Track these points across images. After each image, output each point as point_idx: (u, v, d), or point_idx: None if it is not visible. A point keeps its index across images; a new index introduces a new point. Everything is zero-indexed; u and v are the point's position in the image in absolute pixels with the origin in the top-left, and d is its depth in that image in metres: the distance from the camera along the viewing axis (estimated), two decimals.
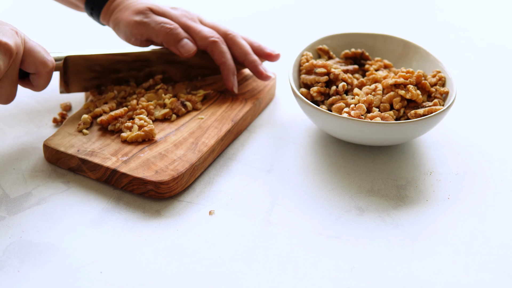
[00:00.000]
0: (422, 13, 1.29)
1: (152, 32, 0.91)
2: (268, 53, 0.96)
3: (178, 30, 0.91)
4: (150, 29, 0.91)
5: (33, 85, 0.82)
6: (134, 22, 0.91)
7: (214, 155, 0.84)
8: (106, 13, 0.95)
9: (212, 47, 0.92)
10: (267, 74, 0.94)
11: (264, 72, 0.94)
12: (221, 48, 0.92)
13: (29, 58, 0.78)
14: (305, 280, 0.69)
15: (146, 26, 0.91)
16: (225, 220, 0.76)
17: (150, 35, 0.91)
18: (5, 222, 0.74)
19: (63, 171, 0.82)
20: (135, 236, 0.73)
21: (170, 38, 0.90)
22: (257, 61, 0.94)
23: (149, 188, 0.77)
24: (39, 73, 0.80)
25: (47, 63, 0.80)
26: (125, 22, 0.91)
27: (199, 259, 0.71)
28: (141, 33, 0.91)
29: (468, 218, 0.77)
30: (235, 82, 0.93)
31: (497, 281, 0.69)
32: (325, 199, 0.79)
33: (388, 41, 0.96)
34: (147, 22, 0.91)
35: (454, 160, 0.86)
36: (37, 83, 0.82)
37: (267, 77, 0.94)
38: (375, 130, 0.80)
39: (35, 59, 0.79)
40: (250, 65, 0.94)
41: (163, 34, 0.90)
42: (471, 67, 1.09)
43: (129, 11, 0.92)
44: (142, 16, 0.91)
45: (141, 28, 0.91)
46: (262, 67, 0.94)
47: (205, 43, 0.92)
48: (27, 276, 0.68)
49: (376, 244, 0.73)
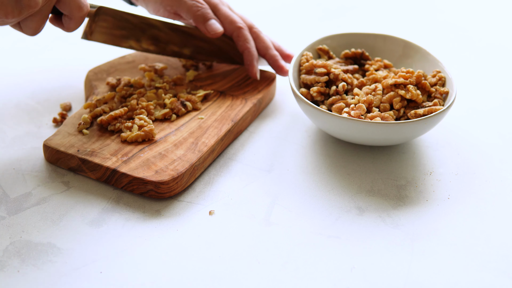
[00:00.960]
0: (422, 13, 1.29)
1: (184, 6, 0.92)
2: (287, 54, 0.98)
3: (208, 10, 0.93)
4: (182, 3, 0.92)
5: (63, 26, 0.82)
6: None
7: (214, 155, 0.84)
8: None
9: (238, 32, 0.94)
10: (287, 69, 0.96)
11: (285, 66, 0.96)
12: (246, 35, 0.94)
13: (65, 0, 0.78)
14: (305, 280, 0.69)
15: (179, 1, 0.92)
16: (225, 220, 0.76)
17: (181, 9, 0.93)
18: (5, 222, 0.74)
19: (63, 171, 0.82)
20: (135, 236, 0.73)
21: (200, 16, 0.92)
22: (278, 56, 0.97)
23: (149, 188, 0.77)
24: (72, 16, 0.80)
25: (82, 8, 0.79)
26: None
27: (199, 259, 0.71)
28: (171, 5, 0.93)
29: (468, 218, 0.77)
30: (258, 69, 0.95)
31: (497, 281, 0.69)
32: (325, 199, 0.79)
33: (388, 41, 0.97)
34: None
35: (454, 160, 0.86)
36: (68, 25, 0.81)
37: (286, 71, 0.96)
38: (375, 130, 0.80)
39: (71, 1, 0.78)
40: (271, 59, 0.96)
41: (194, 11, 0.92)
42: (471, 67, 1.09)
43: None
44: None
45: (174, 2, 0.93)
46: (282, 62, 0.97)
47: (232, 28, 0.94)
48: (27, 276, 0.68)
49: (376, 244, 0.73)
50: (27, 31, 0.79)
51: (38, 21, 0.78)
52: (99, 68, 0.97)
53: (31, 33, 0.79)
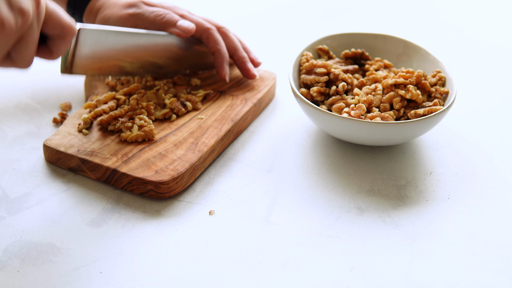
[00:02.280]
0: (422, 13, 1.29)
1: (147, 21, 0.91)
2: (252, 58, 0.97)
3: (172, 14, 0.92)
4: (145, 19, 0.91)
5: (51, 51, 0.74)
6: (127, 15, 0.91)
7: (214, 155, 0.84)
8: (90, 14, 0.94)
9: (207, 34, 0.92)
10: (253, 73, 0.95)
11: (251, 70, 0.95)
12: (215, 35, 0.93)
13: (53, 19, 0.71)
14: (305, 280, 0.69)
15: (140, 17, 0.91)
16: (225, 220, 0.76)
17: (145, 24, 0.91)
18: (5, 222, 0.74)
19: (63, 171, 0.82)
20: (135, 236, 0.73)
21: (167, 22, 0.91)
22: (246, 58, 0.95)
23: (149, 188, 0.77)
24: (64, 37, 0.73)
25: (73, 26, 0.73)
26: (117, 17, 0.91)
27: (199, 259, 0.71)
28: (135, 24, 0.91)
29: (468, 218, 0.77)
30: (227, 71, 0.94)
31: (497, 281, 0.69)
32: (325, 199, 0.79)
33: (388, 41, 0.96)
34: (140, 13, 0.91)
35: (454, 160, 0.86)
36: (57, 48, 0.73)
37: (253, 75, 0.95)
38: (375, 130, 0.80)
39: (61, 21, 0.71)
40: (238, 61, 0.95)
41: (159, 20, 0.91)
42: (471, 67, 1.09)
43: (118, 7, 0.92)
44: (134, 8, 0.91)
45: (135, 19, 0.91)
46: (249, 65, 0.95)
47: (201, 30, 0.92)
48: (27, 276, 0.68)
49: (376, 244, 0.73)
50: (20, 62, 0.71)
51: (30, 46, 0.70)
52: None
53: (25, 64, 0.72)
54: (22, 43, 0.68)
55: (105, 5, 0.93)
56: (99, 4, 0.93)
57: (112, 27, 0.87)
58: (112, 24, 0.92)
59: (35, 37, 0.69)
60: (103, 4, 0.93)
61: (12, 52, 0.68)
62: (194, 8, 1.00)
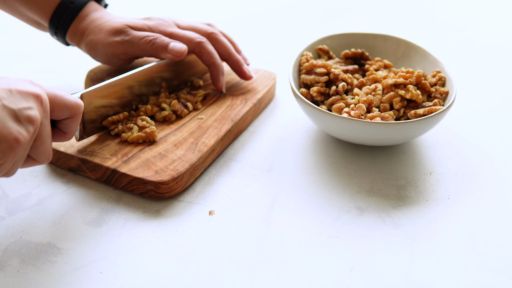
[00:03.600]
0: (422, 13, 1.29)
1: (137, 48, 0.89)
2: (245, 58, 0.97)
3: (161, 37, 0.90)
4: (135, 46, 0.89)
5: (65, 133, 0.73)
6: (115, 43, 0.89)
7: (214, 155, 0.84)
8: (75, 34, 0.92)
9: (200, 49, 0.91)
10: (250, 74, 0.94)
11: (248, 72, 0.94)
12: (208, 48, 0.91)
13: (59, 105, 0.70)
14: (305, 280, 0.69)
15: (130, 44, 0.89)
16: (225, 220, 0.76)
17: (136, 51, 0.90)
18: (5, 222, 0.74)
19: (63, 171, 0.82)
20: (135, 236, 0.73)
21: (158, 47, 0.89)
22: (241, 61, 0.94)
23: (149, 188, 0.77)
24: (74, 116, 0.72)
25: (79, 103, 0.72)
26: (105, 44, 0.90)
27: (199, 259, 0.71)
28: (125, 52, 0.90)
29: (468, 218, 0.77)
30: (224, 82, 0.93)
31: (497, 281, 0.69)
32: (325, 199, 0.79)
33: (388, 41, 0.97)
34: (129, 40, 0.89)
35: (454, 160, 0.86)
36: (70, 128, 0.73)
37: (250, 77, 0.94)
38: (375, 130, 0.80)
39: (66, 103, 0.70)
40: (233, 65, 0.94)
41: (150, 46, 0.89)
42: (471, 67, 1.09)
43: (104, 32, 0.90)
44: (122, 35, 0.90)
45: (124, 47, 0.90)
46: (245, 67, 0.94)
47: (192, 45, 0.91)
48: (27, 276, 0.68)
49: (376, 244, 0.73)
50: (42, 158, 0.70)
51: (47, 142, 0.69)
52: (99, 68, 0.97)
53: (47, 158, 0.70)
54: (39, 143, 0.67)
55: (89, 29, 0.91)
56: (83, 27, 0.92)
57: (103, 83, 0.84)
58: (101, 51, 0.90)
59: (49, 132, 0.68)
60: (87, 27, 0.91)
61: (32, 153, 0.68)
62: (194, 9, 1.00)
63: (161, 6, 1.36)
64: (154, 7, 1.34)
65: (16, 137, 0.62)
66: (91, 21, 0.92)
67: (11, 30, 1.21)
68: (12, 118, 0.62)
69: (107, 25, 0.90)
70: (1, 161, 0.63)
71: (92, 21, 0.92)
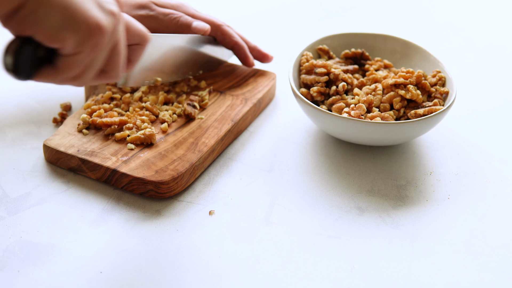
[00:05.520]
0: (422, 13, 1.29)
1: (161, 24, 0.92)
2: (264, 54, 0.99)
3: (185, 16, 0.93)
4: (159, 22, 0.92)
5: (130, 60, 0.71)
6: (139, 16, 0.91)
7: (214, 155, 0.84)
8: None
9: (221, 31, 0.94)
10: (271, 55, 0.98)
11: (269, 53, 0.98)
12: (229, 30, 0.95)
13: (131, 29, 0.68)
14: (305, 280, 0.69)
15: (154, 19, 0.92)
16: (225, 220, 0.76)
17: (159, 27, 0.92)
18: (5, 222, 0.74)
19: (63, 171, 0.82)
20: (135, 236, 0.73)
21: (182, 25, 0.92)
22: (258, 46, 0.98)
23: (149, 188, 0.77)
24: (141, 44, 0.71)
25: (148, 33, 0.71)
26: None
27: (199, 259, 0.71)
28: (149, 26, 0.91)
29: (468, 218, 0.77)
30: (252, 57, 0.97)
31: (497, 281, 0.69)
32: (325, 199, 0.79)
33: (388, 41, 0.96)
34: (154, 15, 0.92)
35: (454, 160, 0.86)
36: (136, 56, 0.71)
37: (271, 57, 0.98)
38: (375, 130, 0.80)
39: (138, 29, 0.69)
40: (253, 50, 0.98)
41: (174, 24, 0.92)
42: (471, 67, 1.09)
43: (128, 6, 0.92)
44: (147, 9, 0.92)
45: (149, 21, 0.91)
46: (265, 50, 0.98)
47: (213, 27, 0.94)
48: (27, 276, 0.68)
49: (376, 244, 0.73)
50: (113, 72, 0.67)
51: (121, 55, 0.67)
52: None
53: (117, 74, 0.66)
54: (115, 53, 0.66)
55: None
56: None
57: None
58: None
59: (124, 43, 0.67)
60: None
61: (106, 65, 0.66)
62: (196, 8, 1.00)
63: None
64: None
65: (98, 22, 0.60)
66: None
67: None
68: (97, 6, 0.61)
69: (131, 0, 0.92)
70: (79, 48, 0.60)
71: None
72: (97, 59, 0.63)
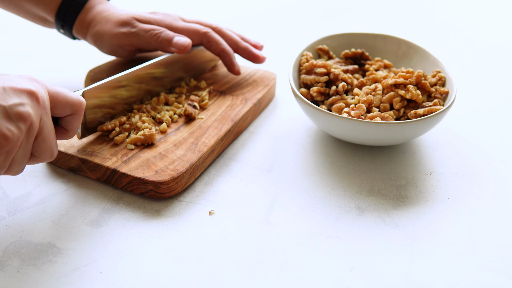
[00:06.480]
0: (422, 13, 1.29)
1: (143, 40, 0.91)
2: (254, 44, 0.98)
3: (166, 31, 0.91)
4: (141, 38, 0.91)
5: (67, 130, 0.73)
6: (121, 34, 0.91)
7: (214, 155, 0.84)
8: (81, 26, 0.94)
9: (207, 38, 0.93)
10: (262, 56, 0.96)
11: (259, 54, 0.96)
12: (215, 37, 0.93)
13: (61, 101, 0.70)
14: (305, 280, 0.69)
15: (136, 36, 0.91)
16: (225, 220, 0.76)
17: (141, 44, 0.91)
18: (5, 222, 0.74)
19: (63, 171, 0.82)
20: (135, 236, 0.73)
21: (163, 41, 0.90)
22: (249, 46, 0.96)
23: (149, 188, 0.77)
24: (76, 113, 0.72)
25: (81, 100, 0.72)
26: (111, 35, 0.91)
27: (199, 259, 0.71)
28: (130, 43, 0.91)
29: (468, 218, 0.77)
30: (238, 65, 0.95)
31: (497, 281, 0.69)
32: (325, 199, 0.79)
33: (388, 41, 0.97)
34: (135, 32, 0.91)
35: (454, 160, 0.86)
36: (72, 125, 0.73)
37: (263, 58, 0.96)
38: (375, 130, 0.80)
39: (69, 101, 0.70)
40: (244, 51, 0.95)
41: (155, 40, 0.91)
42: (471, 67, 1.09)
43: (111, 23, 0.91)
44: (129, 27, 0.91)
45: (130, 38, 0.91)
46: (255, 51, 0.96)
47: (199, 36, 0.92)
48: (27, 276, 0.68)
49: (376, 244, 0.73)
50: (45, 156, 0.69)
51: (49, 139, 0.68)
52: (99, 68, 0.97)
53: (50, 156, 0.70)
54: (40, 139, 0.67)
55: (96, 20, 0.93)
56: (89, 18, 0.93)
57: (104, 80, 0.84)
58: (107, 41, 0.92)
59: (50, 129, 0.68)
60: (94, 19, 0.93)
61: (34, 151, 0.68)
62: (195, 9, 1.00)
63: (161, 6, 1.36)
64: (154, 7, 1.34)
65: (4, 133, 0.62)
66: (97, 13, 0.93)
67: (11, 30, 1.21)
68: (2, 115, 0.62)
69: (114, 17, 0.92)
70: None
71: (98, 12, 0.93)
72: (21, 157, 0.65)
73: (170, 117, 0.88)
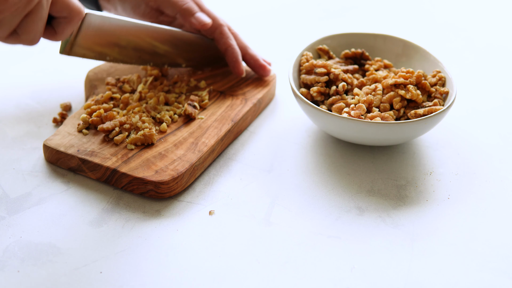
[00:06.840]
0: (422, 13, 1.29)
1: (168, 2, 0.91)
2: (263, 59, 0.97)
3: (193, 4, 0.92)
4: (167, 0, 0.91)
5: (55, 32, 0.74)
6: None
7: (214, 155, 0.84)
8: None
9: (221, 29, 0.93)
10: (269, 68, 0.96)
11: (267, 65, 0.95)
12: (228, 32, 0.93)
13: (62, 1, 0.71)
14: (305, 280, 0.69)
15: None
16: (225, 220, 0.76)
17: (165, 4, 0.91)
18: (5, 222, 0.74)
19: (63, 171, 0.82)
20: (135, 236, 0.73)
21: (186, 9, 0.91)
22: (258, 55, 0.95)
23: (149, 188, 0.77)
24: (70, 20, 0.73)
25: (81, 10, 0.73)
26: None
27: (199, 259, 0.71)
28: (156, 2, 0.91)
29: (468, 218, 0.77)
30: (243, 65, 0.95)
31: (497, 281, 0.69)
32: (325, 199, 0.79)
33: (388, 41, 0.96)
34: None
35: (454, 160, 0.86)
36: (62, 30, 0.74)
37: (269, 70, 0.95)
38: (375, 130, 0.80)
39: (69, 4, 0.71)
40: (251, 58, 0.95)
41: (180, 5, 0.91)
42: (471, 67, 1.09)
43: None
44: None
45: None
46: (263, 61, 0.95)
47: (215, 25, 0.93)
48: (27, 276, 0.68)
49: (376, 244, 0.73)
50: (26, 38, 0.70)
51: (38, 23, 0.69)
52: (99, 68, 0.97)
53: (30, 40, 0.71)
54: (29, 19, 0.67)
55: None
56: None
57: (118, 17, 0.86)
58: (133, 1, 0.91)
59: (44, 15, 0.68)
60: None
61: (18, 28, 0.67)
62: None
63: None
64: None
65: None
66: None
67: None
68: None
69: None
70: None
71: None
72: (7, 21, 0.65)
73: (170, 117, 0.88)
